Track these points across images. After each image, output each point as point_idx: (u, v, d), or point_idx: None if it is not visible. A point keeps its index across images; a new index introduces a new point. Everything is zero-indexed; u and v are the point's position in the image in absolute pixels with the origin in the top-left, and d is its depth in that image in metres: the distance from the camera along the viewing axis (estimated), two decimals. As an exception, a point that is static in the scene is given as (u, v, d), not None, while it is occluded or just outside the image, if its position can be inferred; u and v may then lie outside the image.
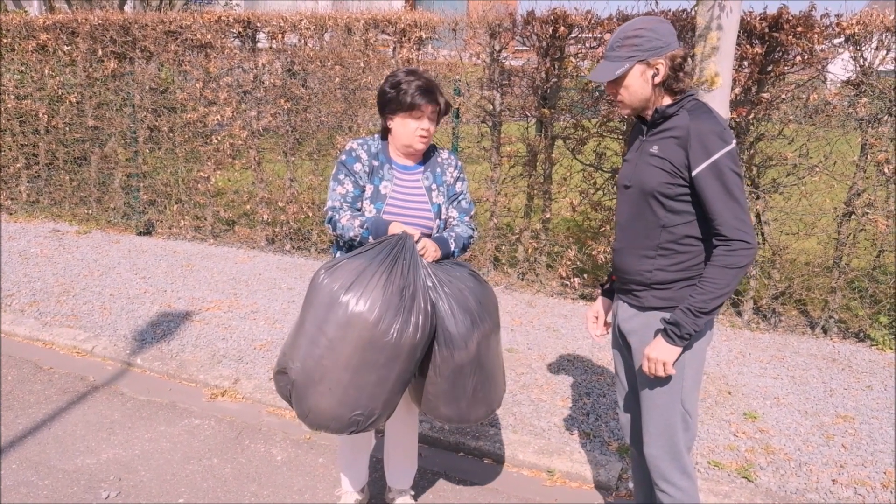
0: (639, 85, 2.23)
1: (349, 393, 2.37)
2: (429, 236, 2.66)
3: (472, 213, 2.84)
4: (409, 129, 2.64)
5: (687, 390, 2.35)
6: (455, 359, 2.47)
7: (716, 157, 2.11)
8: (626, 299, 2.44)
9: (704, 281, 2.16)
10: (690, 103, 2.23)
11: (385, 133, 2.77)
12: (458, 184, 2.82)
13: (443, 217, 2.75)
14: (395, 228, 2.56)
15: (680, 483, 2.39)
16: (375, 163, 2.72)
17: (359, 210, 2.70)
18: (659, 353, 2.24)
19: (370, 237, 2.58)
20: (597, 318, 2.71)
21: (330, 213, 2.69)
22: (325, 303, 2.38)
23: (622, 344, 2.52)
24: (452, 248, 2.67)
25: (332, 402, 2.38)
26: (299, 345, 2.44)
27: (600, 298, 2.70)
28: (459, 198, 2.81)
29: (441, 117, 2.70)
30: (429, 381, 2.55)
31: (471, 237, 2.78)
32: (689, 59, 2.33)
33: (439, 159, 2.81)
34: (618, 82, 2.25)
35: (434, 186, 2.75)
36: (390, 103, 2.64)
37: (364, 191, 2.70)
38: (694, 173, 2.14)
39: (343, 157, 2.72)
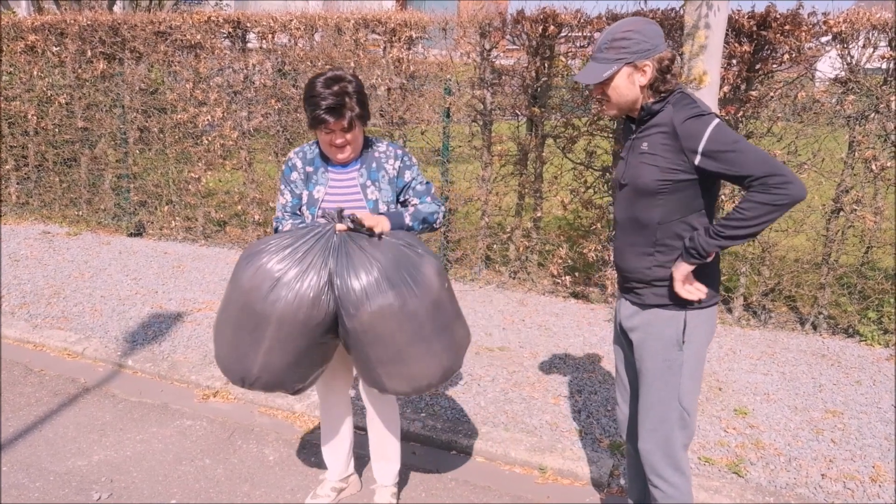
0: (625, 87, 2.24)
1: (231, 349, 2.57)
2: (370, 232, 2.63)
3: (432, 191, 2.82)
4: (324, 142, 2.67)
5: (685, 388, 2.35)
6: (347, 324, 2.47)
7: (705, 138, 2.11)
8: (627, 297, 2.45)
9: (735, 209, 2.13)
10: (675, 97, 2.24)
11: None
12: (407, 172, 2.79)
13: (381, 211, 2.71)
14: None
15: (673, 479, 2.40)
16: (310, 168, 2.76)
17: (299, 216, 2.79)
18: (678, 272, 2.25)
19: None
20: None
21: (275, 223, 2.82)
22: (235, 267, 2.59)
23: (623, 341, 2.53)
24: (407, 222, 2.68)
25: (222, 352, 2.62)
26: (220, 304, 2.68)
27: None
28: (412, 184, 2.80)
29: (361, 122, 2.64)
30: (344, 345, 2.62)
31: (435, 212, 2.78)
32: (678, 60, 2.33)
33: (376, 153, 2.78)
34: (605, 84, 2.26)
35: (369, 182, 2.74)
36: (306, 113, 2.64)
37: (301, 198, 2.76)
38: (696, 162, 2.14)
39: (283, 168, 2.81)
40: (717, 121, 2.14)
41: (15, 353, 4.70)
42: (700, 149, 2.12)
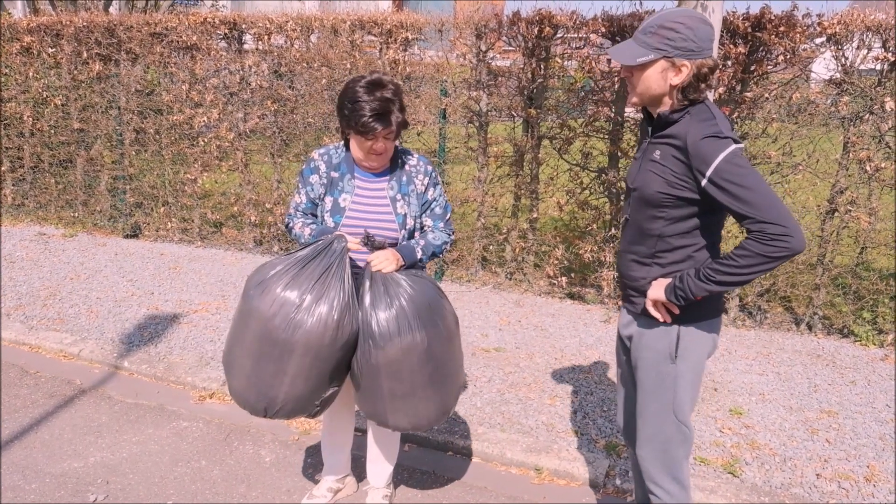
0: (655, 81, 2.10)
1: (251, 380, 2.50)
2: (394, 245, 2.66)
3: (447, 217, 2.80)
4: (363, 148, 2.60)
5: (680, 402, 2.28)
6: (371, 355, 2.46)
7: (716, 163, 2.00)
8: (625, 305, 2.41)
9: (729, 255, 2.03)
10: (697, 108, 2.12)
11: (348, 142, 2.70)
12: (431, 190, 2.75)
13: (409, 227, 2.69)
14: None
15: (670, 488, 2.37)
16: (335, 174, 2.68)
17: (314, 216, 2.75)
18: (654, 293, 2.20)
19: None
20: None
21: (287, 219, 2.79)
22: (242, 295, 2.53)
23: (622, 347, 2.50)
24: (419, 257, 2.66)
25: (241, 384, 2.54)
26: (229, 330, 2.63)
27: None
28: (433, 205, 2.77)
29: (400, 131, 2.61)
30: (352, 372, 2.59)
31: (445, 243, 2.77)
32: (717, 70, 2.18)
33: (407, 166, 2.73)
34: (635, 69, 2.12)
35: (399, 196, 2.69)
36: (345, 119, 2.56)
37: (316, 203, 2.73)
38: (702, 184, 2.03)
39: (304, 167, 2.75)
40: (732, 147, 2.00)
41: (10, 355, 4.69)
42: (708, 173, 2.00)
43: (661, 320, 2.22)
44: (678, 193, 2.10)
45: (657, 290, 2.20)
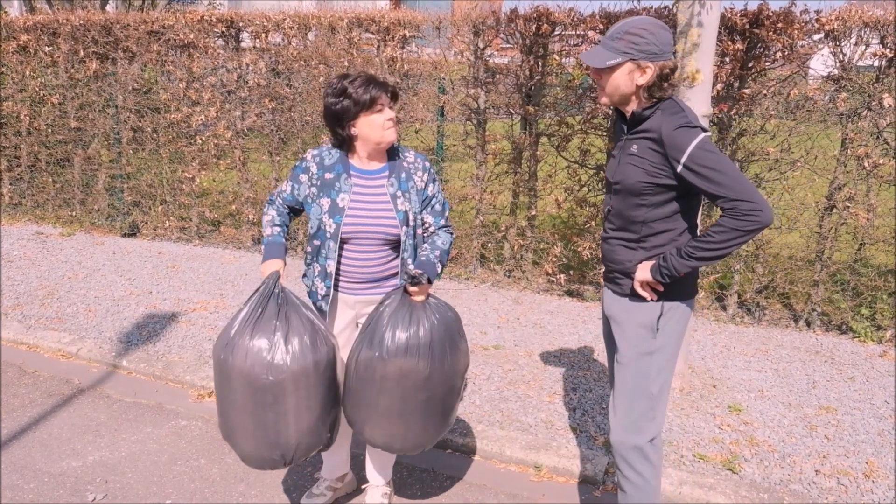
0: (623, 81, 2.29)
1: (258, 436, 2.47)
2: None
3: (446, 213, 2.82)
4: (376, 125, 2.60)
5: (655, 375, 2.42)
6: (372, 364, 2.48)
7: (689, 150, 2.17)
8: (610, 287, 2.54)
9: (707, 232, 2.22)
10: (666, 104, 2.30)
11: (342, 144, 2.69)
12: (430, 186, 2.76)
13: (411, 223, 2.69)
14: (266, 269, 2.62)
15: (642, 470, 2.47)
16: (329, 175, 2.66)
17: (289, 213, 2.80)
18: (641, 274, 2.36)
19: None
20: None
21: (268, 202, 2.84)
22: (214, 365, 2.51)
23: (608, 331, 2.61)
24: (439, 271, 2.70)
25: (250, 446, 2.51)
26: (218, 409, 2.59)
27: None
28: (432, 202, 2.77)
29: (396, 97, 2.68)
30: (346, 372, 2.61)
31: (451, 243, 2.81)
32: (677, 70, 2.39)
33: (405, 163, 2.74)
34: (605, 71, 2.31)
35: (399, 193, 2.68)
36: (347, 111, 2.57)
37: (298, 199, 2.74)
38: (678, 170, 2.21)
39: (296, 163, 2.77)
40: (702, 136, 2.20)
41: (9, 355, 4.68)
42: (683, 160, 2.19)
43: (649, 299, 2.38)
44: (657, 181, 2.28)
45: (643, 271, 2.36)
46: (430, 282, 2.60)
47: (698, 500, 3.18)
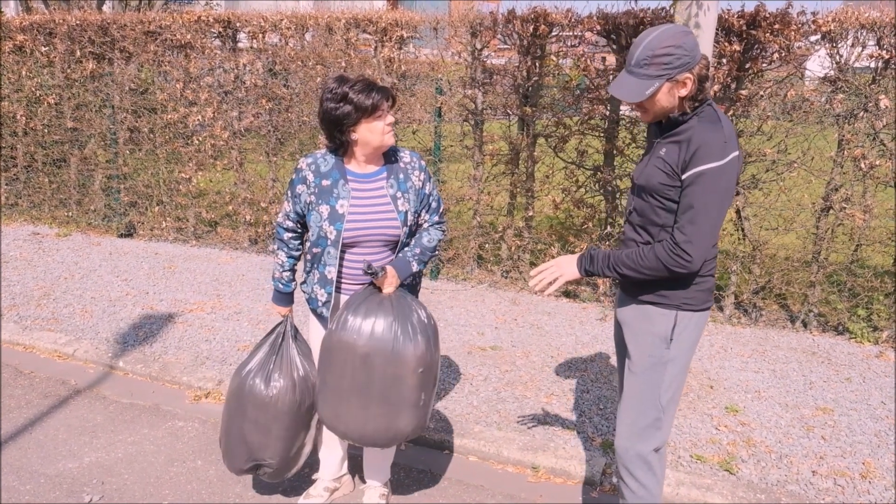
0: (665, 100, 2.25)
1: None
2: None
3: (441, 210, 2.84)
4: (377, 131, 2.58)
5: (666, 387, 2.39)
6: (325, 338, 2.61)
7: (704, 167, 2.15)
8: (622, 291, 2.52)
9: (636, 251, 2.28)
10: (704, 110, 2.26)
11: (338, 148, 2.68)
12: (427, 185, 2.78)
13: (410, 223, 2.70)
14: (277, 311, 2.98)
15: (643, 479, 2.44)
16: (326, 182, 2.65)
17: (297, 232, 2.85)
18: (561, 263, 2.42)
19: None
20: None
21: (277, 228, 2.89)
22: (235, 391, 2.88)
23: (620, 335, 2.58)
24: (414, 270, 2.71)
25: (279, 452, 2.89)
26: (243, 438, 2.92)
27: None
28: (429, 199, 2.79)
29: (394, 101, 2.68)
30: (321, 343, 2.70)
31: (439, 241, 2.81)
32: (710, 65, 2.35)
33: (402, 163, 2.73)
34: (646, 100, 2.27)
35: (399, 194, 2.68)
36: (348, 116, 2.54)
37: (301, 214, 2.75)
38: (683, 176, 2.20)
39: (293, 176, 2.74)
40: (724, 162, 2.15)
41: (5, 356, 4.67)
42: (692, 171, 2.17)
43: (537, 287, 2.43)
44: (674, 183, 2.26)
45: (565, 261, 2.43)
46: (417, 279, 2.77)
47: (695, 501, 3.18)
